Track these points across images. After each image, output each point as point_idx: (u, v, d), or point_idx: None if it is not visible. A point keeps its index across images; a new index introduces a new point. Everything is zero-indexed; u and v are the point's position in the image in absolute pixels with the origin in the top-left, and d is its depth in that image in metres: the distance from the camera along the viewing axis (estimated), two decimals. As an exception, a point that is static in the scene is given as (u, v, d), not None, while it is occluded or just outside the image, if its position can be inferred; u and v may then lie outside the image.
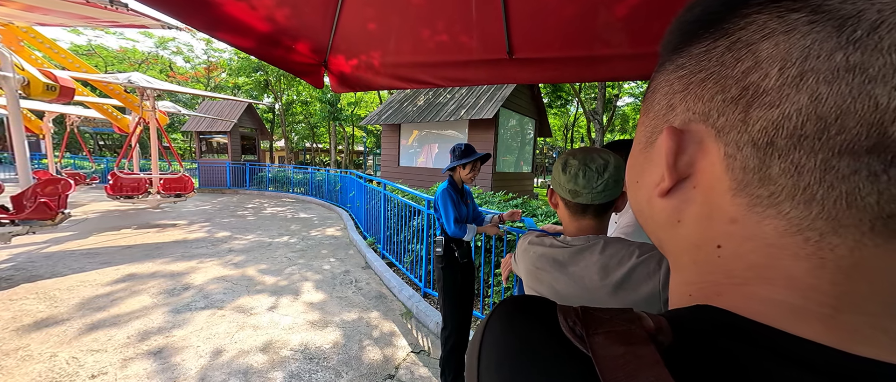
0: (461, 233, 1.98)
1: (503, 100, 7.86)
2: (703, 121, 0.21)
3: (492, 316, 0.25)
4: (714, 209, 0.21)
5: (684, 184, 0.22)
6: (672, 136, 0.22)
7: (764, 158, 0.18)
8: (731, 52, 0.19)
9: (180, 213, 7.46)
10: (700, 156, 0.21)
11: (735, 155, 0.19)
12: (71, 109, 8.45)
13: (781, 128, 0.17)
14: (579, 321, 0.21)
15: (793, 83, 0.16)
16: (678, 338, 0.19)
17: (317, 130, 22.75)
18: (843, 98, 0.15)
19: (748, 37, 0.18)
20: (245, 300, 3.14)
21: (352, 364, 2.25)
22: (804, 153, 0.17)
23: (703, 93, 0.20)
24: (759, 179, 0.18)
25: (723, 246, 0.21)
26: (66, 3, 2.83)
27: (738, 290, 0.20)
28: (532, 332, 0.22)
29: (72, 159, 15.13)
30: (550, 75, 1.89)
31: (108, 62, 19.68)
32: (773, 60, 0.17)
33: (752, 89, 0.18)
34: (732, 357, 0.18)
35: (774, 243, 0.19)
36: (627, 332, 0.20)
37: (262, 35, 1.53)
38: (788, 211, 0.18)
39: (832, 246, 0.17)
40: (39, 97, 3.97)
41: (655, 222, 0.26)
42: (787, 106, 0.17)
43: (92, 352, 2.22)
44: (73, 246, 4.60)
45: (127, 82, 5.33)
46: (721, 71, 0.19)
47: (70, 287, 3.23)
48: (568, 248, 0.74)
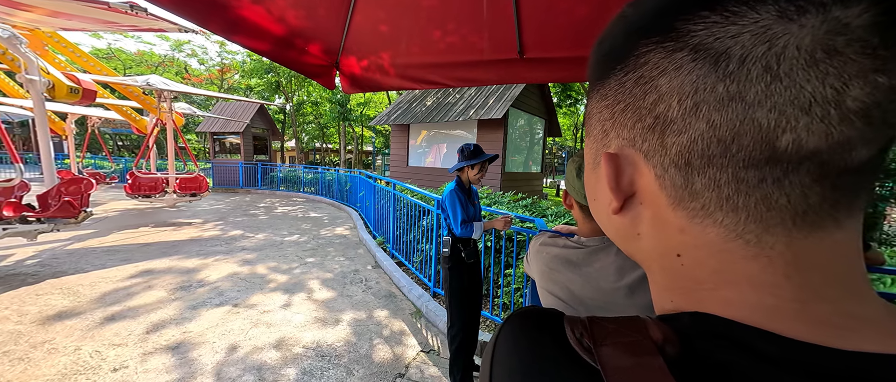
0: (468, 233, 1.99)
1: (512, 99, 7.82)
2: (631, 146, 0.23)
3: (503, 329, 0.25)
4: (663, 222, 0.23)
5: (632, 200, 0.24)
6: (609, 162, 0.24)
7: (687, 176, 0.20)
8: (639, 86, 0.21)
9: (195, 212, 7.64)
10: (637, 176, 0.23)
11: (663, 175, 0.22)
12: (92, 111, 8.74)
13: (693, 150, 0.20)
14: (586, 332, 0.21)
15: (691, 112, 0.19)
16: (683, 348, 0.20)
17: (327, 130, 23.01)
18: (733, 122, 0.18)
19: (648, 73, 0.20)
20: (258, 297, 3.21)
21: (363, 363, 2.27)
22: (716, 169, 0.19)
23: (626, 122, 0.23)
24: (689, 194, 0.21)
25: (682, 254, 0.22)
26: (89, 8, 2.93)
27: (714, 295, 0.21)
28: (541, 347, 0.22)
29: (92, 159, 15.64)
30: (561, 75, 1.88)
31: (127, 65, 20.28)
32: (671, 94, 0.20)
33: (662, 118, 0.20)
34: (731, 365, 0.19)
35: (723, 248, 0.20)
36: (635, 343, 0.20)
37: (277, 38, 1.56)
38: (721, 219, 0.20)
39: (770, 245, 0.19)
40: (63, 99, 4.12)
41: (619, 236, 0.27)
42: (692, 132, 0.19)
43: (113, 346, 2.29)
44: (95, 243, 4.76)
45: (145, 84, 5.48)
46: (635, 102, 0.22)
47: (92, 283, 3.35)
48: (582, 249, 0.74)
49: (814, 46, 0.16)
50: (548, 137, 11.22)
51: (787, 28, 0.16)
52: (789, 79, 0.16)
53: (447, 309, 2.10)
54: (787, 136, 0.17)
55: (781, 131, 0.17)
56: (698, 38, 0.18)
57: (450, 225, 2.05)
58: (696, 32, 0.18)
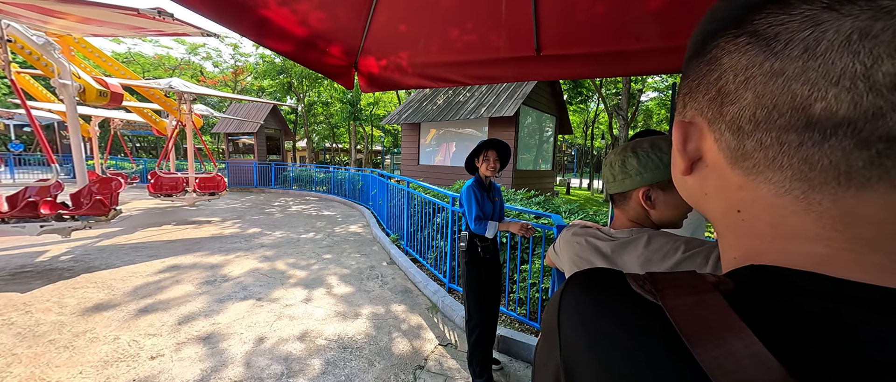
0: (481, 230, 1.99)
1: (524, 97, 7.80)
2: (700, 114, 0.27)
3: (566, 287, 0.27)
4: (724, 180, 0.26)
5: (699, 163, 0.28)
6: (679, 128, 0.28)
7: (739, 139, 0.24)
8: (708, 66, 0.26)
9: (213, 211, 7.87)
10: (702, 141, 0.27)
11: (720, 139, 0.25)
12: (114, 113, 9.06)
13: (742, 116, 0.23)
14: (648, 281, 0.24)
15: (743, 85, 0.23)
16: (739, 287, 0.22)
17: (337, 130, 23.30)
18: (774, 93, 0.21)
19: (717, 55, 0.25)
20: (280, 291, 3.32)
21: (383, 355, 2.34)
22: (763, 133, 0.22)
23: (697, 95, 0.27)
24: (742, 155, 0.24)
25: (741, 210, 0.25)
26: (119, 14, 3.07)
27: (772, 247, 0.24)
28: (608, 295, 0.25)
29: (113, 160, 16.22)
30: (579, 71, 1.90)
31: (145, 68, 20.91)
32: (730, 70, 0.24)
33: (723, 91, 0.24)
34: (782, 298, 0.21)
35: (774, 202, 0.23)
36: (693, 285, 0.23)
37: (300, 39, 1.62)
38: (771, 176, 0.23)
39: (818, 201, 0.22)
40: (93, 102, 4.32)
41: (694, 197, 0.31)
42: (742, 101, 0.23)
43: (149, 336, 2.42)
44: (123, 240, 4.97)
45: (168, 87, 5.68)
46: (705, 79, 0.26)
47: (123, 277, 3.51)
48: (612, 241, 0.77)
49: (851, 30, 0.19)
50: (558, 135, 11.14)
51: (831, 15, 0.20)
52: (823, 58, 0.20)
53: (465, 304, 2.13)
54: (819, 105, 0.20)
55: (814, 100, 0.20)
56: (757, 26, 0.22)
57: (466, 218, 2.08)
58: (757, 21, 0.22)
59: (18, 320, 2.57)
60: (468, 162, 2.13)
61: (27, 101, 3.83)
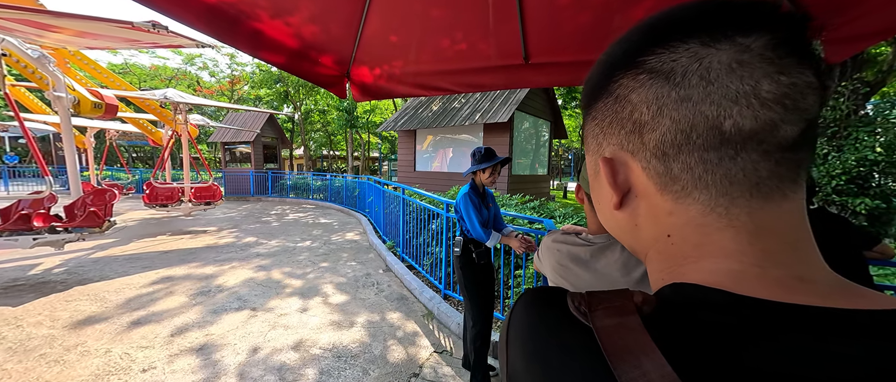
0: (485, 238, 2.00)
1: (518, 103, 7.87)
2: (621, 149, 0.29)
3: (516, 304, 0.29)
4: (655, 208, 0.28)
5: (628, 195, 0.30)
6: (606, 164, 0.30)
7: (665, 163, 0.26)
8: (617, 104, 0.28)
9: (209, 220, 7.84)
10: (629, 172, 0.29)
11: (647, 166, 0.27)
12: (110, 124, 9.06)
13: (665, 142, 0.26)
14: (584, 302, 0.25)
15: (657, 114, 0.25)
16: (658, 308, 0.24)
17: (334, 138, 23.34)
18: (687, 116, 0.24)
19: (623, 93, 0.27)
20: (275, 301, 3.30)
21: (378, 363, 2.33)
22: (686, 153, 0.25)
23: (613, 131, 0.29)
24: (670, 179, 0.26)
25: (672, 235, 0.27)
26: (114, 27, 3.09)
27: (695, 267, 0.26)
28: (547, 315, 0.26)
29: (108, 171, 16.13)
30: (565, 78, 1.94)
31: (142, 79, 20.95)
32: (641, 103, 0.26)
33: (639, 123, 0.27)
34: (690, 318, 0.23)
35: (702, 222, 0.26)
36: (620, 306, 0.24)
37: (293, 51, 1.65)
38: (698, 196, 0.25)
39: (736, 215, 0.24)
40: (88, 114, 4.32)
41: (622, 230, 0.32)
42: (661, 128, 0.25)
43: (141, 348, 2.40)
44: (117, 251, 4.94)
45: (163, 98, 5.70)
46: (617, 115, 0.28)
47: (117, 289, 3.49)
48: (590, 246, 0.79)
49: (730, 60, 0.23)
50: (554, 139, 11.22)
51: (709, 51, 0.24)
52: (719, 82, 0.23)
53: (466, 310, 2.12)
54: (728, 122, 0.23)
55: (723, 118, 0.23)
56: (651, 64, 0.25)
57: (463, 227, 2.08)
58: (650, 60, 0.26)
59: (9, 334, 2.55)
60: (469, 171, 2.11)
61: (22, 114, 3.83)
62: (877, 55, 5.18)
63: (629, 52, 0.27)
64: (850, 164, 3.31)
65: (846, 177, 3.36)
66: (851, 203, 3.36)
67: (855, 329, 0.20)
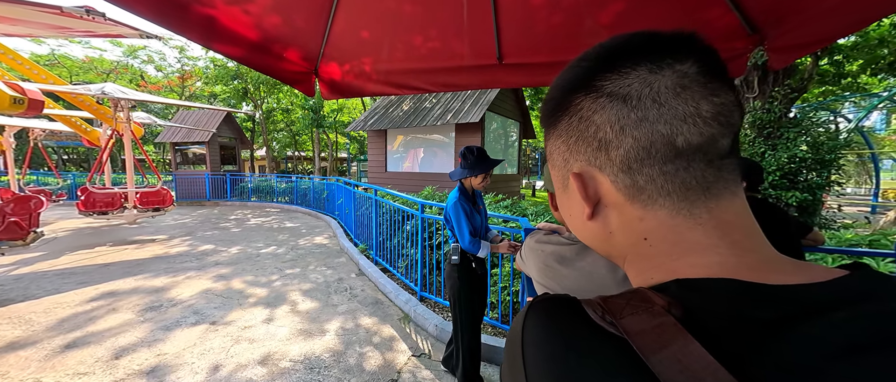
0: (475, 249, 1.87)
1: (489, 103, 7.99)
2: (589, 164, 0.31)
3: (527, 319, 0.28)
4: (626, 216, 0.30)
5: (599, 206, 0.32)
6: (577, 179, 0.32)
7: (631, 176, 0.29)
8: (582, 123, 0.30)
9: (159, 228, 7.17)
10: (598, 185, 0.31)
11: (615, 180, 0.30)
12: (34, 123, 7.99)
13: (629, 157, 0.28)
14: (604, 309, 0.25)
15: (620, 133, 0.28)
16: (687, 306, 0.24)
17: (299, 138, 22.33)
18: (646, 134, 0.27)
19: (586, 114, 0.30)
20: (237, 313, 3.07)
21: (354, 371, 2.24)
22: (648, 167, 0.28)
23: (580, 149, 0.31)
24: (637, 189, 0.29)
25: (648, 238, 0.29)
26: (38, 13, 2.71)
27: (681, 263, 0.28)
28: (569, 330, 0.25)
29: (34, 175, 14.23)
30: (539, 79, 1.97)
31: (73, 72, 18.67)
32: (604, 124, 0.29)
33: (604, 141, 0.29)
34: (717, 310, 0.24)
35: (672, 224, 0.28)
36: (648, 310, 0.24)
37: (254, 44, 1.53)
38: (663, 202, 0.28)
39: (699, 215, 0.28)
40: (6, 111, 3.76)
41: (596, 238, 0.34)
42: (625, 145, 0.28)
43: (78, 375, 2.12)
44: (45, 266, 4.35)
45: (100, 93, 5.10)
46: (582, 134, 0.31)
47: (46, 309, 3.07)
48: (574, 245, 0.79)
49: (674, 85, 0.27)
50: (523, 139, 11.53)
51: (656, 77, 0.27)
52: (668, 105, 0.27)
53: (456, 321, 1.99)
54: (680, 138, 0.27)
55: (675, 135, 0.27)
56: (609, 88, 0.28)
57: (455, 234, 1.95)
58: (607, 85, 0.29)
59: None
60: (461, 177, 1.96)
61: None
62: (798, 65, 5.86)
63: (587, 76, 0.30)
64: (783, 161, 3.70)
65: (780, 173, 3.75)
66: (784, 196, 3.75)
67: (834, 300, 0.22)
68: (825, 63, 8.46)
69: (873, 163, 10.42)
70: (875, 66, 8.41)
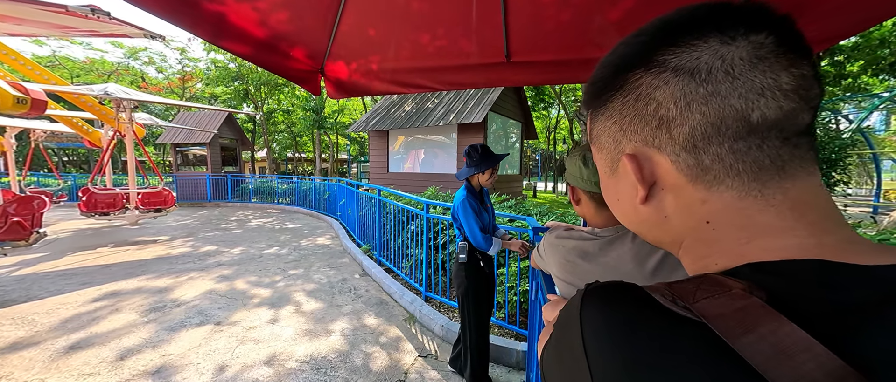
0: (486, 246, 1.86)
1: (491, 104, 7.98)
2: (645, 144, 0.29)
3: (586, 305, 0.26)
4: (687, 199, 0.28)
5: (654, 189, 0.30)
6: (631, 160, 0.30)
7: (696, 156, 0.27)
8: (640, 101, 0.29)
9: (160, 229, 7.15)
10: (655, 166, 0.29)
11: (677, 160, 0.28)
12: (36, 124, 7.98)
13: (695, 135, 0.27)
14: (675, 294, 0.23)
15: (686, 109, 0.26)
16: (772, 288, 0.23)
17: (300, 139, 22.32)
18: (717, 110, 0.25)
19: (644, 91, 0.28)
20: (242, 313, 3.05)
21: (361, 372, 2.22)
22: (716, 145, 0.26)
23: (635, 128, 0.30)
24: (701, 170, 0.27)
25: (711, 221, 0.28)
26: (42, 12, 2.70)
27: (750, 247, 0.26)
28: (637, 312, 0.23)
29: (34, 176, 14.21)
30: (547, 77, 1.96)
31: (74, 73, 18.66)
32: (668, 100, 0.27)
33: (666, 118, 0.27)
34: (805, 292, 0.22)
35: (740, 206, 0.26)
36: (727, 293, 0.22)
37: (260, 41, 1.52)
38: (731, 183, 0.27)
39: (772, 195, 0.26)
40: (9, 111, 3.75)
41: (647, 224, 0.33)
42: (690, 122, 0.26)
43: (83, 376, 2.10)
44: (47, 267, 4.33)
45: (103, 94, 5.10)
46: (640, 113, 0.29)
47: (49, 309, 3.05)
48: (598, 240, 0.78)
49: (750, 56, 0.25)
50: (524, 140, 11.53)
51: (728, 48, 0.25)
52: (744, 77, 0.25)
53: (464, 320, 1.98)
54: (755, 113, 0.25)
55: (751, 110, 0.25)
56: (674, 63, 0.27)
57: (464, 233, 1.94)
58: (671, 59, 0.27)
59: None
60: (467, 175, 1.96)
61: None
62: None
63: (646, 51, 0.28)
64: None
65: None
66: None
67: None
68: (826, 63, 8.47)
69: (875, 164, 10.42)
70: (876, 67, 8.43)
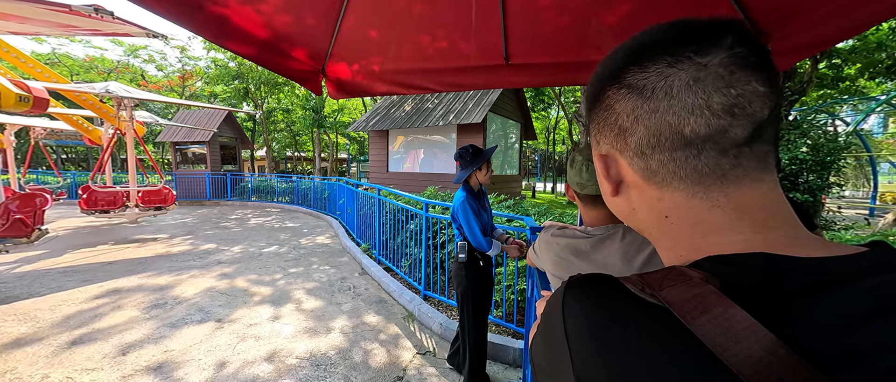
0: (487, 247, 1.89)
1: (491, 104, 8.02)
2: (612, 147, 0.34)
3: (567, 295, 0.28)
4: (646, 195, 0.33)
5: (622, 185, 0.35)
6: (600, 160, 0.36)
7: (644, 161, 0.31)
8: (606, 112, 0.34)
9: (159, 227, 7.17)
10: (619, 167, 0.34)
11: (632, 163, 0.33)
12: (36, 121, 7.99)
13: (641, 144, 0.31)
14: (643, 283, 0.26)
15: (635, 122, 0.31)
16: (724, 278, 0.25)
17: (299, 138, 22.32)
18: (656, 124, 0.29)
19: (610, 103, 0.33)
20: (242, 311, 3.08)
21: (359, 369, 2.26)
22: (659, 153, 0.30)
23: (605, 134, 0.35)
24: (650, 172, 0.31)
25: (669, 216, 0.32)
26: (46, 11, 2.73)
27: (706, 242, 0.29)
28: (611, 300, 0.26)
29: (33, 174, 14.20)
30: (545, 79, 1.99)
31: (74, 71, 18.65)
32: (623, 113, 0.31)
33: (622, 127, 0.32)
34: (750, 280, 0.25)
35: (690, 205, 0.30)
36: (687, 282, 0.25)
37: (263, 42, 1.55)
38: (678, 185, 0.30)
39: (716, 198, 0.29)
40: (11, 109, 3.77)
41: (623, 213, 0.38)
42: (638, 133, 0.31)
43: (87, 371, 2.13)
44: (48, 264, 4.35)
45: (104, 92, 5.12)
46: (606, 121, 0.34)
47: (51, 306, 3.07)
48: (590, 238, 0.81)
49: (688, 78, 0.28)
50: (523, 141, 11.55)
51: (672, 70, 0.28)
52: (679, 97, 0.28)
53: (463, 318, 2.01)
54: (687, 128, 0.28)
55: (683, 125, 0.28)
56: (629, 80, 0.31)
57: (465, 234, 1.97)
58: (628, 77, 0.31)
59: (-90, 366, 2.15)
60: (464, 175, 1.99)
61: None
62: (798, 68, 5.91)
63: (614, 69, 0.32)
64: (784, 163, 3.74)
65: (781, 175, 3.81)
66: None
67: (859, 270, 0.24)
68: (824, 66, 8.52)
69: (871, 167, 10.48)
70: (873, 70, 8.48)
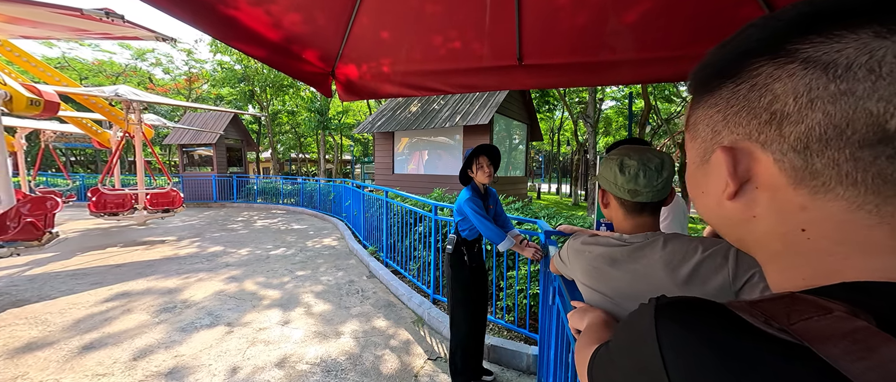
0: (498, 239, 1.85)
1: (497, 106, 7.98)
2: (747, 139, 0.27)
3: (663, 320, 0.24)
4: (783, 201, 0.26)
5: (747, 186, 0.28)
6: (727, 153, 0.28)
7: (806, 158, 0.24)
8: (754, 92, 0.26)
9: (167, 229, 7.21)
10: (754, 164, 0.27)
11: (781, 159, 0.26)
12: (46, 124, 8.09)
13: (810, 136, 0.24)
14: (768, 315, 0.22)
15: (807, 106, 0.24)
16: (879, 313, 0.21)
17: (304, 140, 22.43)
18: (846, 111, 0.22)
19: (762, 81, 0.26)
20: (252, 315, 3.06)
21: (371, 374, 2.22)
22: (835, 150, 0.23)
23: (740, 121, 0.28)
24: (809, 174, 0.24)
25: (807, 229, 0.26)
26: (58, 15, 2.74)
27: (847, 264, 0.24)
28: (727, 334, 0.22)
29: (43, 176, 14.39)
30: (558, 80, 1.95)
31: (83, 75, 18.90)
32: (787, 94, 0.24)
33: (780, 114, 0.25)
34: None
35: (845, 219, 0.24)
36: (827, 314, 0.21)
37: (273, 43, 1.53)
38: (842, 193, 0.24)
39: (890, 213, 0.23)
40: (23, 112, 3.80)
41: (730, 221, 0.31)
42: (808, 121, 0.24)
43: (98, 376, 2.12)
44: (57, 267, 4.38)
45: (114, 95, 5.16)
46: (749, 105, 0.27)
47: (62, 309, 3.08)
48: (626, 246, 0.77)
49: None
50: (530, 142, 11.49)
51: (883, 43, 0.22)
52: (891, 78, 0.21)
53: (450, 312, 2.03)
54: (894, 120, 0.21)
55: (890, 116, 0.21)
56: (807, 53, 0.24)
57: (465, 227, 1.97)
58: (805, 49, 0.24)
59: (-76, 370, 2.16)
60: (462, 173, 2.00)
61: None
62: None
63: (774, 38, 0.25)
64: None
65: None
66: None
67: None
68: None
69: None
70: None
